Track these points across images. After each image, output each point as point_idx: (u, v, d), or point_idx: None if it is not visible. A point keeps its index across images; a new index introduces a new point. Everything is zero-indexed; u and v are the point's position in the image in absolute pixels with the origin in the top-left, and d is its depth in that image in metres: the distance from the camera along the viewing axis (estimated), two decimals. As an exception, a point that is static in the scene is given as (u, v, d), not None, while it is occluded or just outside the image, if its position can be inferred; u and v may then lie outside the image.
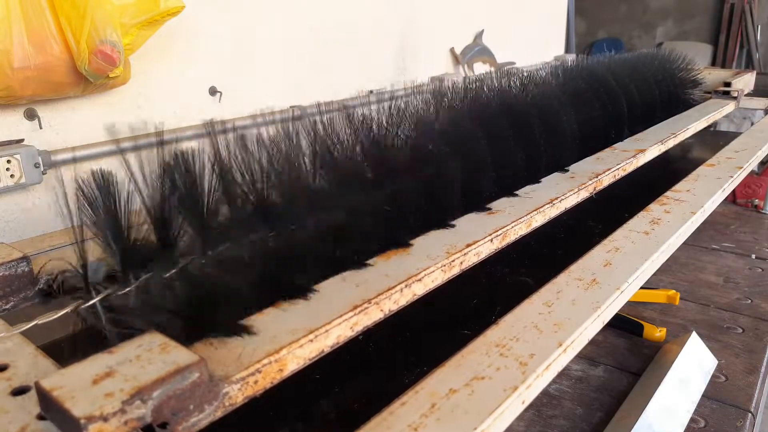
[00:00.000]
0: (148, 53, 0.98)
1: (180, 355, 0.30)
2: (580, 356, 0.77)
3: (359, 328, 0.41)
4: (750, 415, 0.67)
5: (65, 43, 0.82)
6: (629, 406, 0.66)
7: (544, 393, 0.69)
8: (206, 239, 0.39)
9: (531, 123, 0.71)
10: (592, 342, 0.79)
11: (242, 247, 0.40)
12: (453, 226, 0.55)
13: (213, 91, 1.12)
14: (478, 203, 0.60)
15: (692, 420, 0.65)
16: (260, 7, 1.18)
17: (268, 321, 0.38)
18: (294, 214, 0.43)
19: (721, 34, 4.49)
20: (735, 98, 1.33)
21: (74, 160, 0.89)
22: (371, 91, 1.42)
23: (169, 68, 1.05)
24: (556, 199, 0.63)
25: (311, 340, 0.37)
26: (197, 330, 0.35)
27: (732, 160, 0.94)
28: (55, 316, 0.37)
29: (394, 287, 0.43)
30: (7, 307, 0.47)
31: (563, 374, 0.73)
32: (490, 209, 0.60)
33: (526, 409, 0.66)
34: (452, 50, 1.78)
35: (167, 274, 0.37)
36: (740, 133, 1.18)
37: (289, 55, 1.27)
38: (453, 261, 0.49)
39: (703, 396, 0.69)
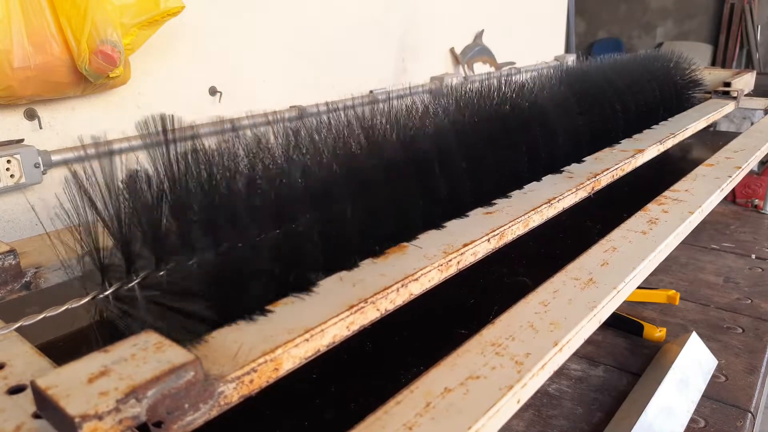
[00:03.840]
0: (149, 53, 0.98)
1: (175, 354, 0.30)
2: (580, 356, 0.77)
3: (355, 327, 0.41)
4: (750, 415, 0.66)
5: (65, 43, 0.82)
6: (629, 406, 0.66)
7: (544, 393, 0.69)
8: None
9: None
10: (592, 342, 0.80)
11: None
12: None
13: (213, 91, 1.13)
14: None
15: (692, 420, 0.65)
16: (260, 8, 1.19)
17: (263, 320, 0.39)
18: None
19: (721, 34, 4.48)
20: (735, 98, 1.33)
21: (74, 161, 0.89)
22: (371, 91, 1.42)
23: (169, 68, 1.05)
24: (554, 199, 0.63)
25: (307, 340, 0.37)
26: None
27: (731, 160, 0.94)
28: (62, 309, 0.37)
29: (390, 287, 0.43)
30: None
31: (563, 374, 0.73)
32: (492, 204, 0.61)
33: (526, 409, 0.66)
34: (452, 50, 1.78)
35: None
36: (740, 133, 1.18)
37: (289, 55, 1.27)
38: (450, 261, 0.49)
39: (703, 396, 0.69)
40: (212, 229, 0.39)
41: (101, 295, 0.37)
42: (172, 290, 0.37)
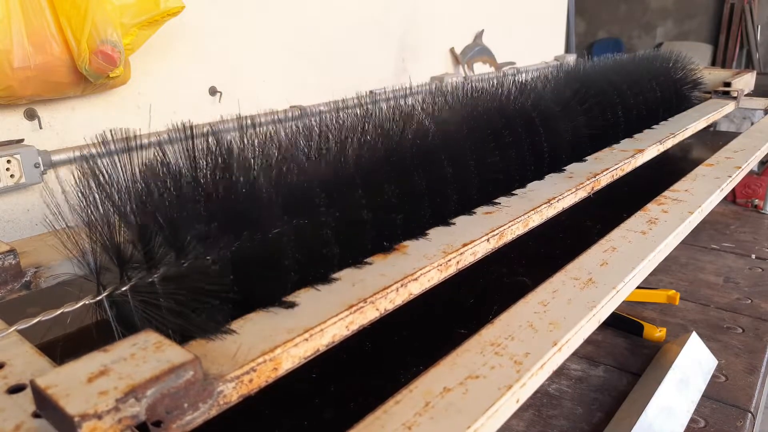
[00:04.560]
0: (149, 53, 0.98)
1: (174, 353, 0.30)
2: (580, 356, 0.77)
3: (355, 327, 0.41)
4: (750, 415, 0.66)
5: (65, 43, 0.82)
6: (629, 406, 0.66)
7: (544, 393, 0.69)
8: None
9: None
10: (592, 342, 0.79)
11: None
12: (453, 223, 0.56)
13: (213, 91, 1.13)
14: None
15: (692, 420, 0.65)
16: (260, 8, 1.19)
17: (263, 319, 0.39)
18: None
19: (721, 34, 4.48)
20: (735, 98, 1.33)
21: (74, 160, 0.89)
22: (371, 91, 1.42)
23: (169, 68, 1.05)
24: (554, 198, 0.63)
25: (306, 339, 0.37)
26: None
27: (731, 160, 0.94)
28: (79, 305, 0.37)
29: (390, 286, 0.43)
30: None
31: (563, 374, 0.73)
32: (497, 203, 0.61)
33: (526, 409, 0.66)
34: (452, 50, 1.78)
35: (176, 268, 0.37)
36: (740, 133, 1.18)
37: (289, 55, 1.27)
38: (449, 260, 0.49)
39: (703, 396, 0.69)
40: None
41: (122, 289, 0.37)
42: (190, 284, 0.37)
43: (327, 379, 0.52)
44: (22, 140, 0.86)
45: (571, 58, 2.21)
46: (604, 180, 0.74)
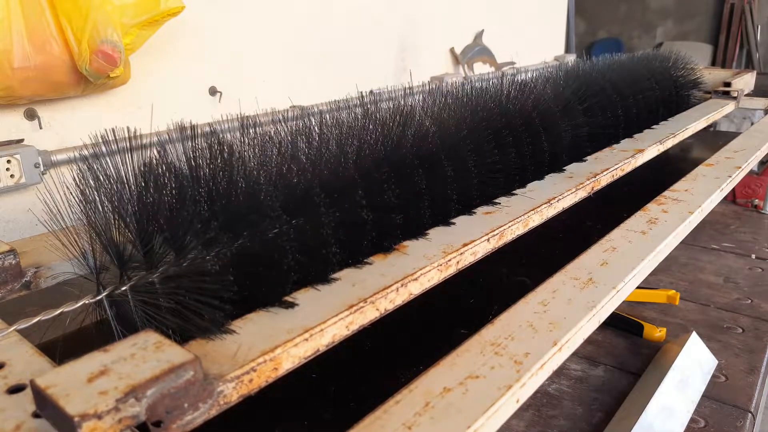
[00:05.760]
0: (149, 53, 0.98)
1: (174, 353, 0.30)
2: (580, 356, 0.77)
3: (355, 327, 0.41)
4: (750, 415, 0.66)
5: (65, 43, 0.82)
6: (629, 406, 0.66)
7: (544, 393, 0.69)
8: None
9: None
10: (592, 342, 0.79)
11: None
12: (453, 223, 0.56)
13: (213, 91, 1.13)
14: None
15: (692, 420, 0.65)
16: (260, 7, 1.19)
17: (263, 319, 0.39)
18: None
19: (721, 34, 4.48)
20: (735, 98, 1.33)
21: (74, 160, 0.89)
22: (371, 91, 1.42)
23: (169, 68, 1.05)
24: (554, 198, 0.63)
25: (306, 339, 0.37)
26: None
27: (731, 160, 0.94)
28: (78, 304, 0.37)
29: (390, 286, 0.43)
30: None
31: (563, 374, 0.73)
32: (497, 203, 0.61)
33: (526, 409, 0.66)
34: (452, 50, 1.78)
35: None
36: (740, 133, 1.18)
37: (289, 55, 1.27)
38: (449, 260, 0.49)
39: (703, 396, 0.69)
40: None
41: (122, 288, 0.37)
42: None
43: (327, 379, 0.52)
44: (22, 140, 0.86)
45: (571, 58, 2.21)
46: (604, 180, 0.74)
